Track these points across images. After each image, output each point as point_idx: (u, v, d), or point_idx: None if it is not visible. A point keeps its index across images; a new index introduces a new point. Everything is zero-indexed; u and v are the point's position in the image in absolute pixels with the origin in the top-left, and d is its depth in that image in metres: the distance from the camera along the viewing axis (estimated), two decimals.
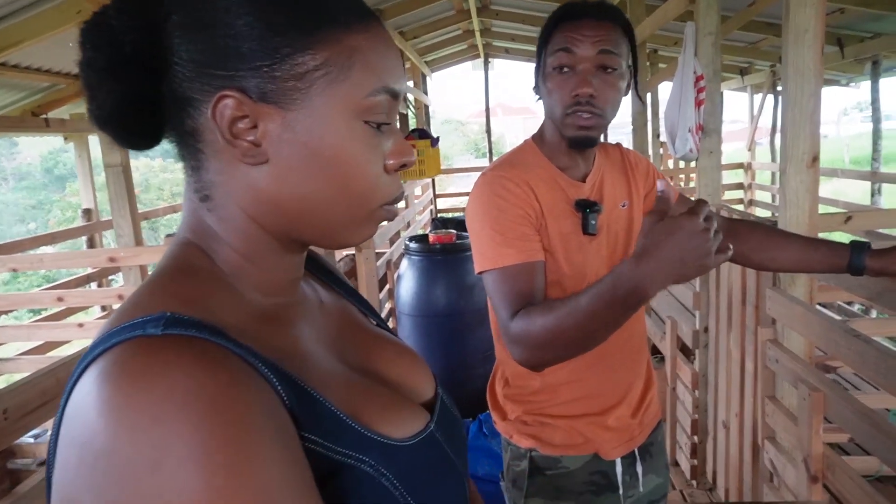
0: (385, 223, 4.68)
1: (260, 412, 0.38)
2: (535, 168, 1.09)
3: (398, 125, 0.54)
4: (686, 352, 2.95)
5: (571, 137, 1.06)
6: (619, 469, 1.16)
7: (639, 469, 1.18)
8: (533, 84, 1.13)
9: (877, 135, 5.07)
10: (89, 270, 4.53)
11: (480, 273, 1.04)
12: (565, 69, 1.03)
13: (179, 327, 0.39)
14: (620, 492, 1.16)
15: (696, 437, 2.62)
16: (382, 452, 0.46)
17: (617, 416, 1.15)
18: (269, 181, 0.46)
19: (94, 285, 4.53)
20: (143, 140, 0.48)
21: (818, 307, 4.07)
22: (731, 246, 0.80)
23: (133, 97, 0.45)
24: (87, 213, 4.65)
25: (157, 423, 0.34)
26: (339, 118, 0.46)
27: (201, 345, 0.39)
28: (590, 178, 1.12)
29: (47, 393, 0.99)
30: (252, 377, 0.40)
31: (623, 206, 1.16)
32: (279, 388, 0.41)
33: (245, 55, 0.43)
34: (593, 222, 1.07)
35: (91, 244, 4.62)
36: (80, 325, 3.52)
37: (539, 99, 1.13)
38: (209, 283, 0.46)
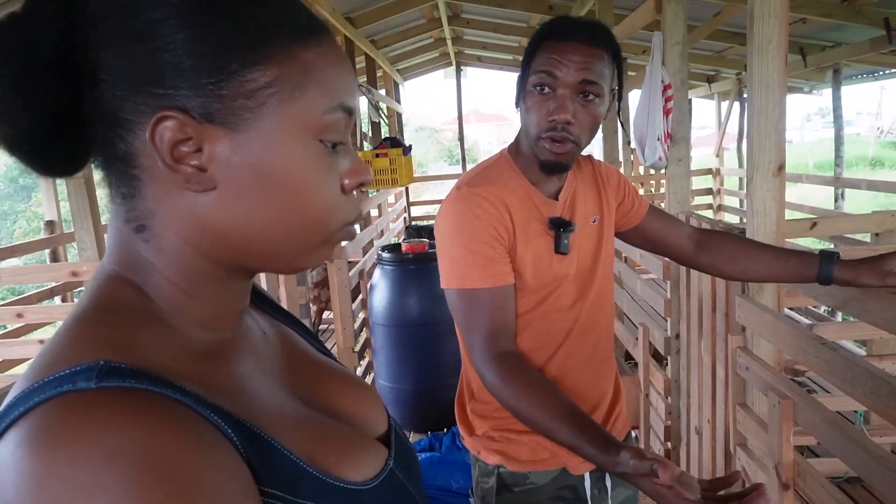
0: (359, 232, 4.62)
1: (212, 473, 0.34)
2: (509, 184, 1.08)
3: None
4: (658, 358, 2.97)
5: (543, 161, 1.05)
6: (587, 483, 1.15)
7: (608, 482, 1.18)
8: (515, 95, 1.11)
9: (839, 140, 5.20)
10: (52, 284, 4.40)
11: (446, 288, 1.04)
12: (546, 90, 1.01)
13: (116, 378, 0.34)
14: None
15: (669, 444, 2.63)
16: (345, 499, 0.43)
17: None
18: (217, 208, 0.42)
19: (58, 299, 4.40)
20: (63, 166, 0.43)
21: (788, 311, 4.08)
22: None
23: (49, 116, 0.40)
24: (50, 225, 4.52)
25: (92, 497, 0.29)
26: (293, 139, 0.42)
27: (143, 398, 0.34)
28: (562, 195, 1.12)
29: None
30: (203, 431, 0.36)
31: (594, 221, 1.16)
32: (234, 437, 0.37)
33: (187, 71, 0.39)
34: (566, 241, 1.07)
35: (55, 257, 4.48)
36: (41, 342, 3.40)
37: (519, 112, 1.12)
38: (144, 323, 0.42)
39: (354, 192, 0.48)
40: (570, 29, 1.00)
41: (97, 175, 0.44)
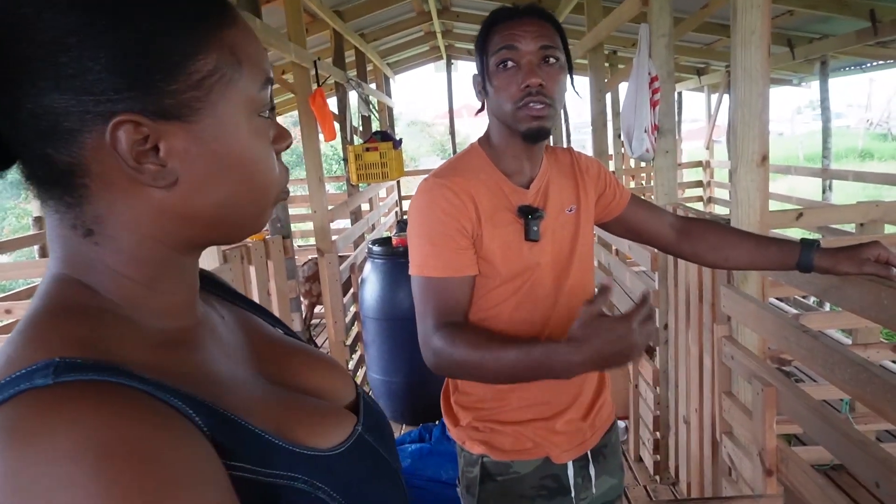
0: (350, 226, 4.60)
1: (178, 457, 0.35)
2: (478, 173, 1.10)
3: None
4: (647, 349, 2.99)
5: (525, 130, 1.06)
6: (570, 472, 1.16)
7: (591, 471, 1.19)
8: (477, 89, 1.13)
9: (826, 133, 5.23)
10: (40, 280, 4.38)
11: (411, 275, 1.08)
12: (510, 64, 1.04)
13: (73, 372, 0.35)
14: (572, 494, 1.16)
15: (658, 433, 2.66)
16: (314, 465, 0.45)
17: (566, 420, 1.15)
18: (180, 198, 0.43)
19: None
20: None
21: (774, 301, 4.11)
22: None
23: None
24: (39, 221, 4.49)
25: (63, 488, 0.30)
26: (241, 118, 0.45)
27: (102, 388, 0.35)
28: (534, 184, 1.13)
29: None
30: (166, 415, 0.37)
31: (570, 210, 1.16)
32: (196, 419, 0.38)
33: (132, 72, 0.39)
34: (535, 228, 1.08)
35: (43, 253, 4.46)
36: None
37: (481, 109, 1.14)
38: (99, 318, 0.42)
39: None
40: (517, 10, 1.07)
41: (29, 188, 0.43)
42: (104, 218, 0.43)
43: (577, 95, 1.25)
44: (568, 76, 1.09)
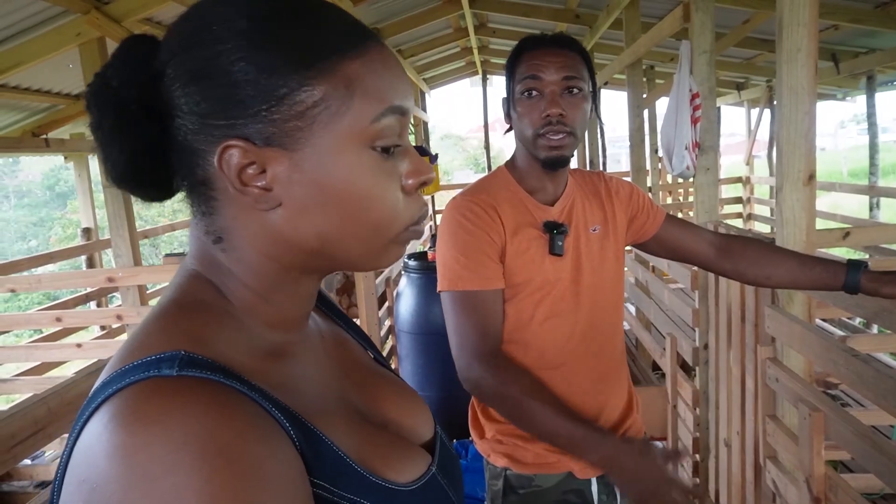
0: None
1: (272, 462, 0.37)
2: (503, 191, 1.14)
3: (411, 142, 0.53)
4: (686, 369, 2.94)
5: (545, 158, 1.10)
6: (594, 488, 1.16)
7: (617, 489, 1.17)
8: (504, 113, 1.17)
9: (874, 149, 5.09)
10: (88, 289, 4.52)
11: (440, 291, 1.10)
12: (534, 93, 1.08)
13: (195, 368, 0.38)
14: None
15: (697, 456, 2.60)
16: (386, 498, 0.46)
17: None
18: (285, 223, 0.45)
19: (93, 304, 4.52)
20: (159, 193, 0.48)
21: (819, 322, 4.00)
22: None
23: (143, 153, 0.45)
24: (87, 232, 4.66)
25: (170, 473, 0.33)
26: (346, 151, 0.44)
27: (216, 389, 0.38)
28: (559, 203, 1.16)
29: (39, 422, 0.98)
30: (265, 423, 0.39)
31: (594, 230, 1.18)
32: (291, 431, 0.41)
33: (242, 101, 0.42)
34: (560, 243, 1.11)
35: (90, 263, 4.62)
36: (79, 346, 3.50)
37: (509, 129, 1.17)
38: (221, 319, 0.45)
39: (417, 191, 0.50)
40: (545, 39, 1.11)
41: (182, 195, 0.49)
42: (230, 230, 0.46)
43: (598, 121, 1.28)
44: (591, 104, 1.12)
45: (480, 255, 1.07)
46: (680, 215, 6.48)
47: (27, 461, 3.03)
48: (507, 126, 1.18)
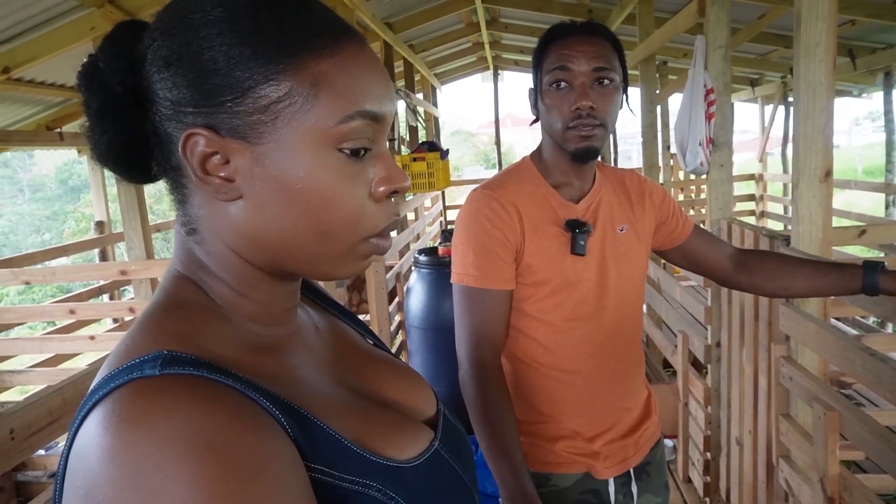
0: (395, 236, 4.66)
1: (261, 450, 0.37)
2: (526, 186, 1.11)
3: (388, 147, 0.51)
4: (698, 366, 2.92)
5: (574, 150, 1.06)
6: (612, 488, 1.14)
7: (634, 489, 1.17)
8: (531, 104, 1.14)
9: (890, 146, 5.02)
10: (101, 282, 4.56)
11: (452, 283, 1.11)
12: (563, 84, 1.04)
13: (177, 366, 0.39)
14: None
15: (708, 454, 2.58)
16: (389, 476, 0.46)
17: (606, 440, 1.14)
18: (246, 216, 0.45)
19: (106, 297, 4.56)
20: (141, 176, 0.49)
21: (834, 321, 3.97)
22: None
23: (124, 136, 0.46)
24: (100, 225, 4.69)
25: (158, 469, 0.34)
26: (307, 149, 0.43)
27: (199, 383, 0.39)
28: (585, 200, 1.13)
29: (54, 412, 0.99)
30: (253, 413, 0.39)
31: (621, 230, 1.15)
32: (282, 419, 0.41)
33: (210, 90, 0.42)
34: (581, 242, 1.08)
35: (104, 256, 4.65)
36: (92, 338, 3.53)
37: (535, 120, 1.14)
38: (203, 317, 0.46)
39: (389, 199, 0.48)
40: (574, 27, 1.05)
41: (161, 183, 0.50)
42: (199, 220, 0.47)
43: (631, 113, 1.24)
44: (623, 95, 1.09)
45: (492, 254, 1.06)
46: (692, 212, 6.44)
47: (41, 451, 3.06)
48: (535, 117, 1.15)
